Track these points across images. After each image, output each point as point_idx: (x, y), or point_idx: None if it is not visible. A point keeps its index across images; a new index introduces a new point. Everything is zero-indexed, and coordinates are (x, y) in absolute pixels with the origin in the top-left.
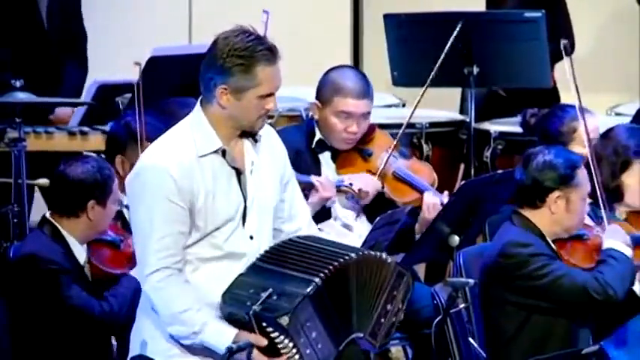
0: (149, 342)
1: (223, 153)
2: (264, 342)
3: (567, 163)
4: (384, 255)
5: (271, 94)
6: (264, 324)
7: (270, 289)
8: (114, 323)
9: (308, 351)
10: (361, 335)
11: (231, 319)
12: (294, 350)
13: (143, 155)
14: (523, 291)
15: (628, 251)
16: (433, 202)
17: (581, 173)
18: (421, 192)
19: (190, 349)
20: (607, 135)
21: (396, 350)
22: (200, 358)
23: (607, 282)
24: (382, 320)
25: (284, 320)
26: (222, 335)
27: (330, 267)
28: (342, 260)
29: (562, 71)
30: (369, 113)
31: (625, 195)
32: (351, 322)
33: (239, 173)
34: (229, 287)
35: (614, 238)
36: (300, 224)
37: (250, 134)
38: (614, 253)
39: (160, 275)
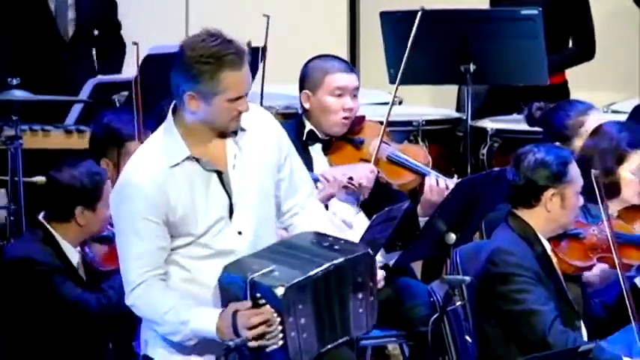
0: (149, 341)
1: (196, 159)
2: (247, 304)
3: (559, 160)
4: (337, 259)
5: (240, 97)
6: (259, 295)
7: (274, 267)
8: (113, 315)
9: (293, 334)
10: (347, 338)
11: (226, 287)
12: (280, 328)
13: (123, 170)
14: (497, 308)
15: None
16: (436, 183)
17: (573, 168)
18: (418, 173)
19: (187, 348)
20: (597, 131)
21: (392, 348)
22: (197, 357)
23: (574, 342)
24: (360, 310)
25: (279, 290)
26: (208, 317)
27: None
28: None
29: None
30: (357, 90)
31: (622, 189)
32: (336, 326)
33: (220, 174)
34: (236, 260)
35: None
36: (298, 199)
37: (226, 135)
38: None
39: (140, 288)
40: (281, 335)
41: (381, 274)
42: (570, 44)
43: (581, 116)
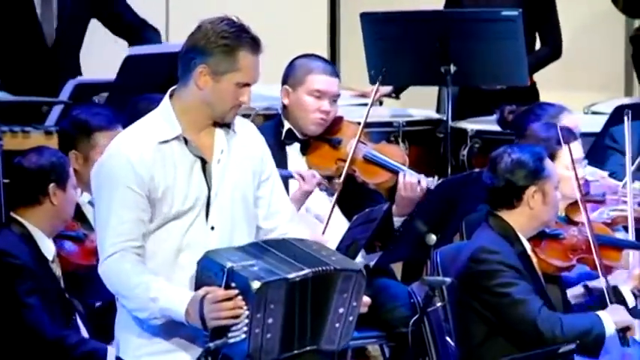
0: (121, 342)
1: (185, 141)
2: (218, 291)
3: (535, 157)
4: (329, 266)
5: (247, 85)
6: (234, 284)
7: (255, 262)
8: (61, 351)
9: (257, 330)
10: (315, 347)
11: (203, 271)
12: (246, 321)
13: (110, 144)
14: (484, 303)
15: (610, 329)
16: (409, 180)
17: (549, 163)
18: (394, 172)
19: (158, 349)
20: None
21: (373, 349)
22: (169, 356)
23: (561, 324)
24: (337, 325)
25: (255, 284)
26: (178, 298)
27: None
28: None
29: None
30: (338, 96)
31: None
32: (306, 333)
33: (204, 162)
34: (219, 249)
35: (611, 314)
36: (278, 222)
37: (222, 125)
38: (595, 319)
39: (113, 258)
40: (245, 329)
41: (366, 300)
42: (538, 45)
43: (552, 120)
